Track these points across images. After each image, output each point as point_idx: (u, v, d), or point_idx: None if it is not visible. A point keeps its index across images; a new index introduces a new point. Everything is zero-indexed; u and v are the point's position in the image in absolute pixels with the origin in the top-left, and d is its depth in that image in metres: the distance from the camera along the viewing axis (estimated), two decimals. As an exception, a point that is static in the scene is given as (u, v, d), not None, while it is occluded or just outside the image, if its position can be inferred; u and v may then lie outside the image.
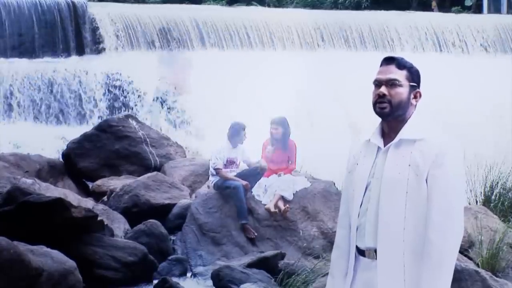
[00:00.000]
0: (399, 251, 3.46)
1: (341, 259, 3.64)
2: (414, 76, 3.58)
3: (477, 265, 7.78)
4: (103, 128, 11.45)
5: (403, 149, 3.50)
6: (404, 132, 3.52)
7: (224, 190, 9.14)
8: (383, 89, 3.53)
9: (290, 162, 9.39)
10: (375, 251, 3.50)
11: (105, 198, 10.14)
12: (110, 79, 17.74)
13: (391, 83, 3.53)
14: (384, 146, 3.56)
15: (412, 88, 3.56)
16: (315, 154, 11.18)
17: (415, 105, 3.59)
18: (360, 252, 3.57)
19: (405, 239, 3.45)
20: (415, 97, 3.58)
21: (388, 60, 3.58)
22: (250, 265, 8.18)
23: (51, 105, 17.01)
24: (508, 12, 30.84)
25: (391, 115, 3.53)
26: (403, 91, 3.53)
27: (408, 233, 3.46)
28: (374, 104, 3.55)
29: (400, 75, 3.54)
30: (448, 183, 3.44)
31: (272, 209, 8.92)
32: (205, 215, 9.02)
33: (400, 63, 3.56)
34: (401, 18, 23.99)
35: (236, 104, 17.35)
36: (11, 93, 16.77)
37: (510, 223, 8.97)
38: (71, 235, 7.74)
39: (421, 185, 3.45)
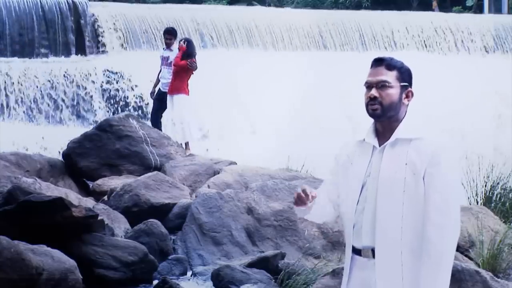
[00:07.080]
0: (397, 250, 3.47)
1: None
2: (404, 76, 3.57)
3: (478, 265, 7.76)
4: (104, 128, 11.43)
5: (399, 148, 3.51)
6: (400, 131, 3.54)
7: None
8: (373, 91, 3.54)
9: None
10: (372, 250, 3.51)
11: (105, 197, 10.13)
12: (110, 79, 17.74)
13: (381, 85, 3.54)
14: (379, 145, 3.57)
15: (403, 88, 3.57)
16: (315, 154, 11.17)
17: (407, 105, 3.60)
18: (356, 251, 3.57)
19: (403, 237, 3.46)
20: (407, 96, 3.59)
21: (377, 62, 3.58)
22: (250, 265, 8.16)
23: (52, 105, 17.00)
24: (509, 12, 30.84)
25: (383, 116, 3.55)
26: (394, 92, 3.54)
27: (405, 231, 3.47)
28: (367, 106, 3.57)
29: (390, 76, 3.54)
30: (445, 182, 3.45)
31: None
32: (205, 215, 9.00)
33: (389, 64, 3.56)
34: (401, 18, 23.98)
35: (236, 104, 17.37)
36: (12, 93, 16.77)
37: (511, 224, 8.96)
38: (72, 234, 7.73)
39: (418, 183, 3.46)
